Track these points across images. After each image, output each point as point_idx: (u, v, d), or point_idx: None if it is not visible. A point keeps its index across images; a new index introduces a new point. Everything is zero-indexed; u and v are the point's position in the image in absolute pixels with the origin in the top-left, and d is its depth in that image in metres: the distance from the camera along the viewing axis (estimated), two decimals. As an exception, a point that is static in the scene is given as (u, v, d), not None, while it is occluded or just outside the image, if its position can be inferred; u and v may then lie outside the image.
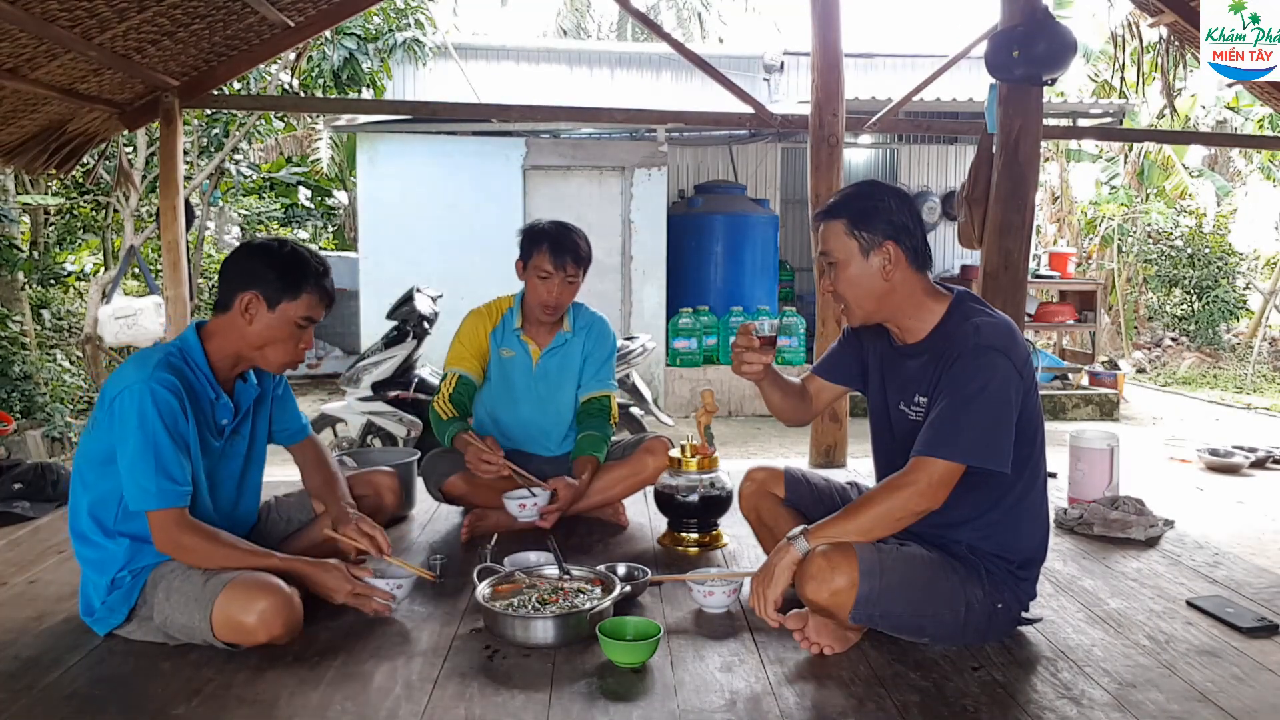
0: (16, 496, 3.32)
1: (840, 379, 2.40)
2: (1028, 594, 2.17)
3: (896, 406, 2.18)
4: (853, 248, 2.07)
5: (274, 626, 2.01)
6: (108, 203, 8.31)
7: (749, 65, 11.73)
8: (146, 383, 2.03)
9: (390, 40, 8.70)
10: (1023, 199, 3.79)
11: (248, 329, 2.17)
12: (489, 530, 2.87)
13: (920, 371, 2.11)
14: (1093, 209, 13.72)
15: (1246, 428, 7.76)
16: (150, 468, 2.01)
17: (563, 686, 1.91)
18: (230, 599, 2.01)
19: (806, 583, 1.98)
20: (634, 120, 8.09)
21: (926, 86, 5.07)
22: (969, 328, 2.03)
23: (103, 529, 2.11)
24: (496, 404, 3.15)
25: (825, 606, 1.99)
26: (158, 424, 2.02)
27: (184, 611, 2.04)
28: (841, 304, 2.16)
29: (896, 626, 2.07)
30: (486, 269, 8.60)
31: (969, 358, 1.98)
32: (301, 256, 2.22)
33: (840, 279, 2.10)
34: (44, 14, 3.45)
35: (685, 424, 7.35)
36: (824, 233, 2.11)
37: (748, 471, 2.52)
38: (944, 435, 1.97)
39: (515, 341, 3.11)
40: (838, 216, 2.09)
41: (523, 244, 3.06)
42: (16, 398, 6.57)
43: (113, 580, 2.12)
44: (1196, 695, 1.91)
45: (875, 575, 1.96)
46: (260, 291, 2.15)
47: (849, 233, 2.07)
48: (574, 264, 3.00)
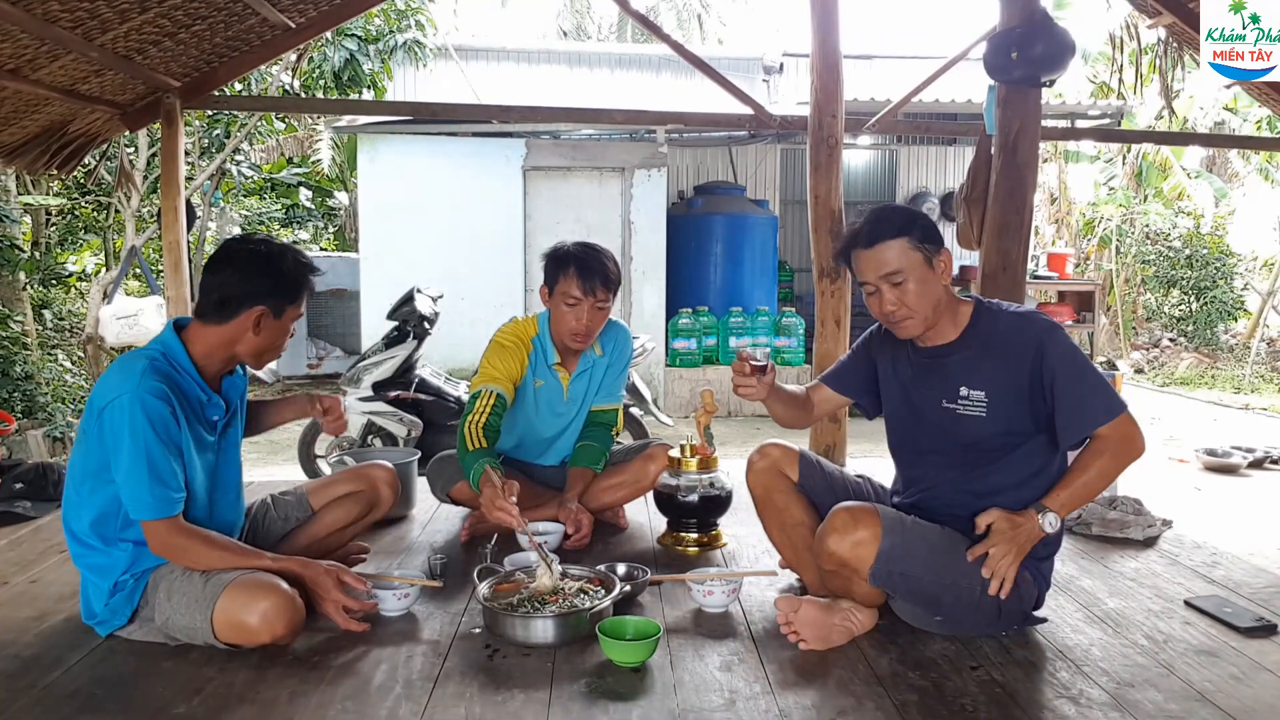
0: (18, 496, 3.32)
1: (849, 391, 2.48)
2: (1045, 581, 2.21)
3: (940, 404, 2.21)
4: (918, 260, 2.13)
5: (276, 627, 2.02)
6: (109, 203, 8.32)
7: (748, 66, 11.73)
8: (135, 393, 2.01)
9: (391, 41, 8.71)
10: (1021, 200, 3.79)
11: (255, 340, 2.19)
12: (489, 531, 2.87)
13: (964, 367, 2.18)
14: (1091, 210, 13.73)
15: (1244, 428, 7.76)
16: (144, 478, 2.01)
17: (563, 686, 1.92)
18: (231, 600, 2.01)
19: (829, 536, 2.05)
20: (633, 121, 8.10)
21: (925, 88, 5.07)
22: (1014, 320, 2.16)
23: (104, 538, 2.12)
24: (521, 425, 3.06)
25: (846, 559, 2.04)
26: (149, 434, 2.01)
27: (185, 613, 2.05)
28: (903, 318, 2.17)
29: (914, 592, 2.10)
30: (487, 269, 8.65)
31: (1047, 340, 2.10)
32: (305, 264, 2.24)
33: (910, 292, 2.14)
34: (45, 15, 3.46)
35: (685, 424, 7.35)
36: (882, 254, 2.13)
37: (761, 446, 2.46)
38: (1091, 407, 2.08)
39: (547, 372, 2.99)
40: (901, 234, 2.13)
41: (547, 269, 2.89)
42: (18, 398, 6.58)
43: (115, 584, 2.13)
44: (1195, 695, 1.92)
45: (898, 532, 2.04)
46: (269, 304, 2.17)
47: (915, 247, 2.13)
48: (604, 288, 2.84)
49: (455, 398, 5.38)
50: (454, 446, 2.99)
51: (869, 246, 2.15)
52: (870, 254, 2.15)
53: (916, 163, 11.33)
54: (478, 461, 2.63)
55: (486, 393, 2.81)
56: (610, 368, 3.08)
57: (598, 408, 3.08)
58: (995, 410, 2.14)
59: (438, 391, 5.36)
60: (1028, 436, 2.15)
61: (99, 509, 2.11)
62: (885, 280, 2.14)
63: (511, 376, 2.88)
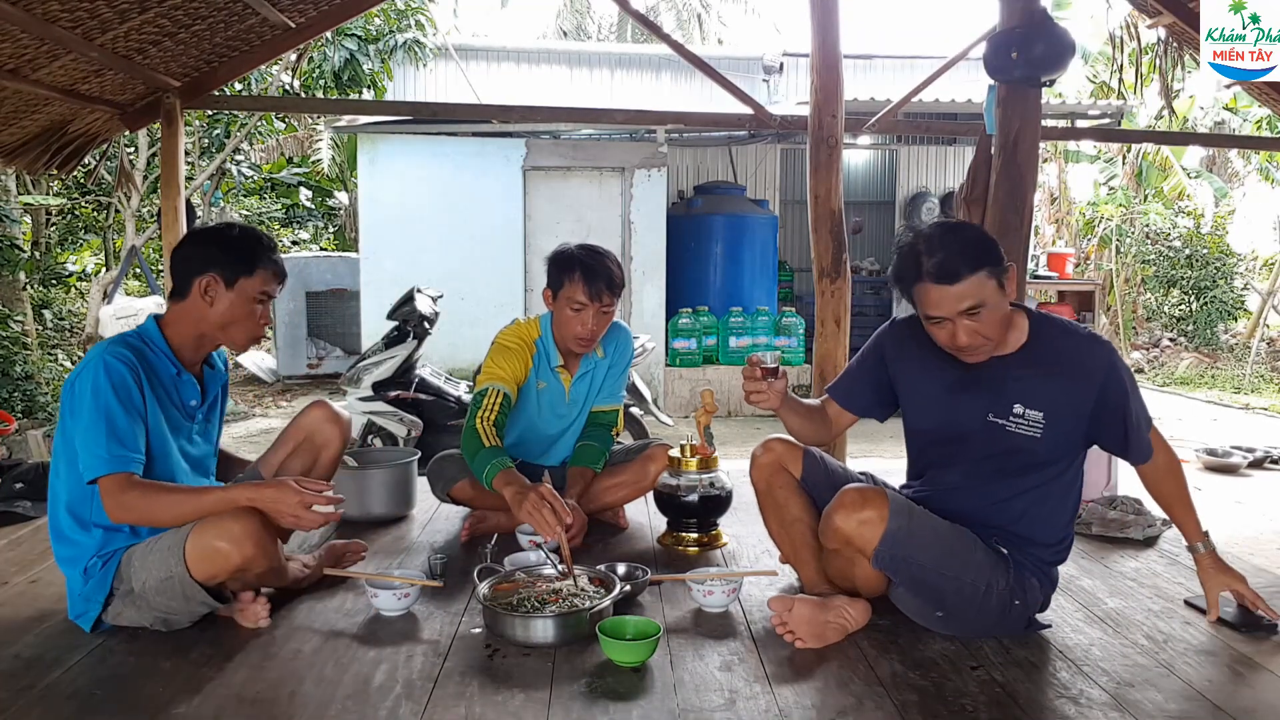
0: (18, 496, 3.32)
1: (859, 409, 2.40)
2: (1051, 585, 2.22)
3: (985, 417, 2.15)
4: (993, 287, 2.02)
5: (245, 546, 2.05)
6: (109, 203, 8.33)
7: (748, 66, 11.74)
8: (100, 356, 2.09)
9: (391, 41, 8.71)
10: (1021, 200, 3.79)
11: (209, 310, 2.22)
12: (489, 531, 2.87)
13: (1024, 386, 2.11)
14: (1091, 210, 13.72)
15: (1244, 428, 7.76)
16: (102, 434, 2.04)
17: (563, 686, 1.92)
18: (199, 534, 2.06)
19: (836, 512, 2.05)
20: (634, 121, 8.10)
21: (925, 88, 5.07)
22: (1080, 342, 2.13)
23: (79, 522, 2.14)
24: (523, 426, 3.05)
25: (851, 537, 2.04)
26: (109, 394, 2.06)
27: (159, 564, 2.07)
28: (978, 347, 2.08)
29: (916, 581, 2.08)
30: (487, 270, 8.65)
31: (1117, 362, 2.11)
32: (252, 234, 2.30)
33: (986, 323, 2.04)
34: (45, 15, 3.45)
35: (685, 424, 7.35)
36: (961, 290, 2.00)
37: (766, 440, 2.43)
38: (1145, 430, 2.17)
39: (550, 374, 2.99)
40: (979, 268, 2.00)
41: (551, 272, 2.87)
42: (18, 397, 6.58)
43: (85, 570, 2.14)
44: (1195, 695, 1.92)
45: (905, 516, 2.04)
46: (217, 273, 2.21)
47: (992, 276, 2.01)
48: (610, 293, 2.81)
49: (455, 398, 5.38)
50: (455, 446, 2.99)
51: (948, 283, 2.00)
52: (947, 290, 2.01)
53: (916, 163, 11.33)
54: (493, 460, 2.60)
55: (494, 390, 2.78)
56: (611, 369, 3.07)
57: (598, 408, 3.08)
58: (1052, 431, 2.10)
59: (438, 391, 5.36)
60: (1073, 457, 2.17)
61: (76, 489, 2.12)
62: (964, 315, 2.02)
63: (516, 378, 2.87)
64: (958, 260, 1.99)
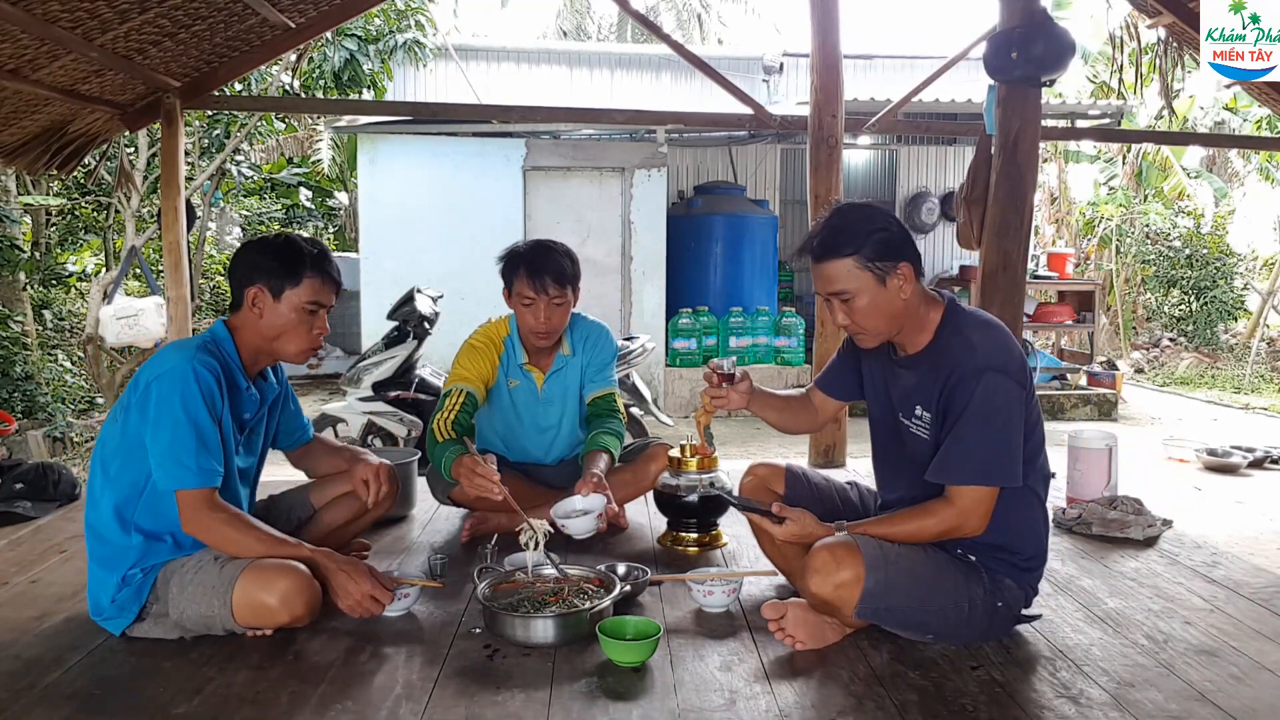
0: (18, 496, 3.32)
1: (840, 394, 2.45)
2: (1031, 588, 2.19)
3: (898, 419, 2.19)
4: (867, 279, 2.01)
5: (296, 606, 2.05)
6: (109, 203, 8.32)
7: (748, 67, 11.74)
8: (190, 363, 2.07)
9: (391, 41, 8.70)
10: (1021, 200, 3.80)
11: (260, 322, 2.21)
12: (490, 531, 2.87)
13: (918, 385, 2.12)
14: (1091, 210, 13.72)
15: (1244, 428, 7.76)
16: (192, 445, 2.04)
17: (563, 686, 1.92)
18: (250, 581, 2.04)
19: (811, 577, 2.00)
20: (634, 121, 8.10)
21: (925, 88, 5.08)
22: (964, 344, 2.03)
23: (121, 522, 2.12)
24: (502, 426, 3.09)
25: (829, 600, 2.00)
26: (199, 404, 2.06)
27: (202, 601, 2.06)
28: (855, 333, 2.12)
29: (901, 623, 2.08)
30: (487, 269, 8.60)
31: (971, 380, 1.97)
32: (295, 243, 2.26)
33: (857, 311, 2.04)
34: (45, 15, 3.45)
35: (685, 424, 7.35)
36: (828, 271, 2.03)
37: (750, 466, 2.56)
38: (963, 460, 1.99)
39: (519, 372, 3.01)
40: (848, 254, 2.00)
41: (503, 271, 2.90)
42: (18, 398, 6.58)
43: (123, 577, 2.13)
44: (1195, 695, 1.92)
45: (880, 569, 1.99)
46: (263, 283, 2.20)
47: (862, 266, 2.00)
48: (556, 285, 2.82)
49: (455, 398, 5.38)
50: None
51: (816, 261, 2.05)
52: (817, 269, 2.06)
53: (916, 163, 11.33)
54: (448, 452, 2.64)
55: (456, 391, 2.84)
56: (589, 365, 3.07)
57: (593, 396, 3.07)
58: (935, 433, 2.07)
59: (438, 391, 5.36)
60: None
61: (125, 490, 2.12)
62: (834, 297, 2.06)
63: (483, 376, 2.92)
64: (830, 241, 2.04)
